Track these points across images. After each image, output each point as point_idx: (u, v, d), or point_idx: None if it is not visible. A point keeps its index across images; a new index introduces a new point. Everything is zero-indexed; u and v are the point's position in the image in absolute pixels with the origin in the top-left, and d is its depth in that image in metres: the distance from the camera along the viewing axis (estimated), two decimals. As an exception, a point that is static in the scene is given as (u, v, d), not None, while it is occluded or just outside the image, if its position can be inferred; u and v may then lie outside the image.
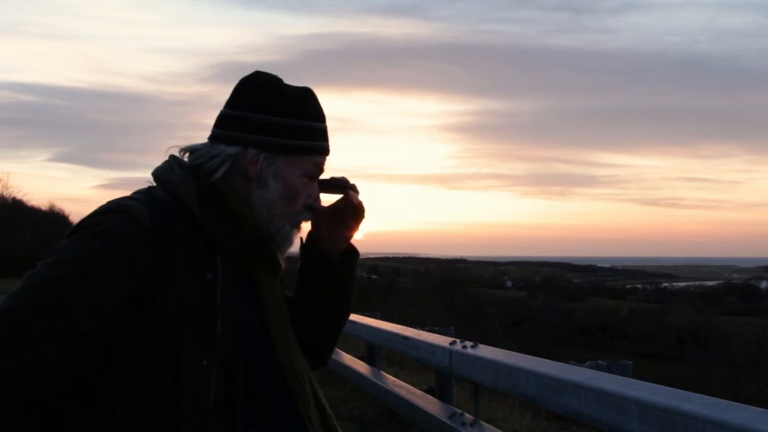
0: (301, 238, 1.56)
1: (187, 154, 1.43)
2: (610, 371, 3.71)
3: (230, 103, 1.44)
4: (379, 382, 6.89)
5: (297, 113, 1.42)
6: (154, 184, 1.41)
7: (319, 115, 1.46)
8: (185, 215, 1.34)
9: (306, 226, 1.52)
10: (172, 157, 1.43)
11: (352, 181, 1.54)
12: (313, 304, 1.57)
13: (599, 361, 3.94)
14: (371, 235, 1.62)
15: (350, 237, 1.58)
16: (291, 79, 1.48)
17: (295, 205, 1.44)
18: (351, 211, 1.54)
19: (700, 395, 2.71)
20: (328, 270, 1.56)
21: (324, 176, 1.50)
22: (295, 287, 1.61)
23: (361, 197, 1.54)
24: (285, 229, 1.44)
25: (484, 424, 4.77)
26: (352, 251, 1.59)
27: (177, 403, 1.25)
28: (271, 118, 1.40)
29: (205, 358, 1.28)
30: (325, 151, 1.48)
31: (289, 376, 1.40)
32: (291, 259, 1.51)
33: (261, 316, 1.41)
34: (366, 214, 1.55)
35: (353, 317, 8.89)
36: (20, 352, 1.17)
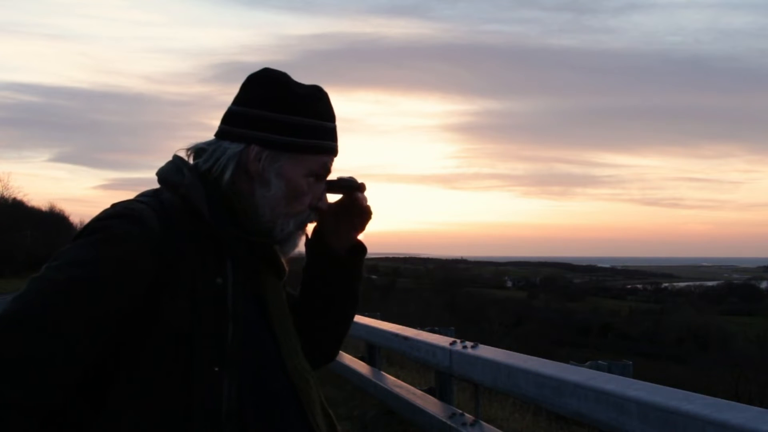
0: (307, 234, 1.52)
1: (192, 155, 1.41)
2: (610, 371, 3.73)
3: (236, 99, 1.41)
4: (379, 383, 6.90)
5: (303, 111, 1.38)
6: (159, 185, 1.39)
7: (326, 114, 1.42)
8: (194, 219, 1.32)
9: (311, 225, 1.50)
10: (177, 157, 1.41)
11: (360, 180, 1.51)
12: (320, 301, 1.55)
13: (599, 361, 3.96)
14: (371, 235, 1.58)
15: (356, 236, 1.56)
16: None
17: (300, 204, 1.40)
18: (357, 212, 1.52)
19: (700, 395, 2.72)
20: (333, 266, 1.54)
21: (331, 176, 1.47)
22: (300, 284, 1.58)
23: (368, 197, 1.52)
24: (288, 229, 1.40)
25: (485, 424, 4.78)
26: (359, 248, 1.57)
27: (189, 409, 1.23)
28: (275, 114, 1.36)
29: (216, 365, 1.26)
30: (332, 151, 1.43)
31: (297, 382, 1.38)
32: (295, 260, 1.49)
33: (267, 321, 1.39)
34: (372, 215, 1.53)
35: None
36: (23, 355, 1.15)
